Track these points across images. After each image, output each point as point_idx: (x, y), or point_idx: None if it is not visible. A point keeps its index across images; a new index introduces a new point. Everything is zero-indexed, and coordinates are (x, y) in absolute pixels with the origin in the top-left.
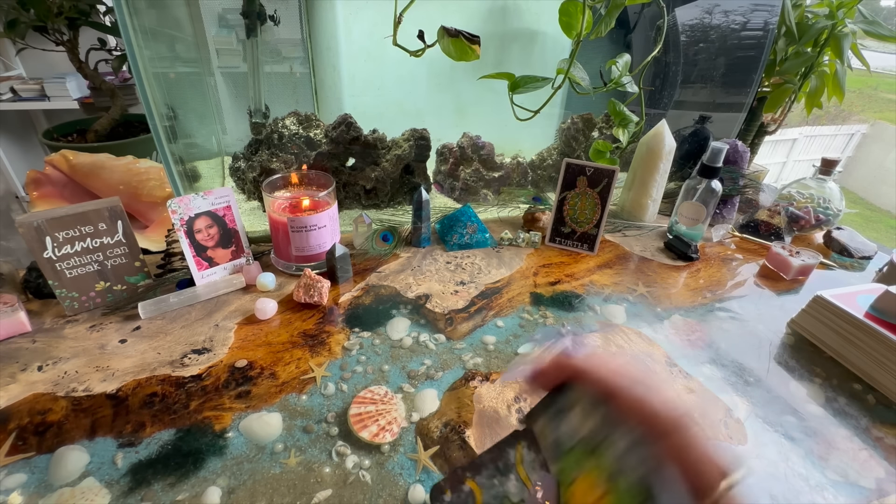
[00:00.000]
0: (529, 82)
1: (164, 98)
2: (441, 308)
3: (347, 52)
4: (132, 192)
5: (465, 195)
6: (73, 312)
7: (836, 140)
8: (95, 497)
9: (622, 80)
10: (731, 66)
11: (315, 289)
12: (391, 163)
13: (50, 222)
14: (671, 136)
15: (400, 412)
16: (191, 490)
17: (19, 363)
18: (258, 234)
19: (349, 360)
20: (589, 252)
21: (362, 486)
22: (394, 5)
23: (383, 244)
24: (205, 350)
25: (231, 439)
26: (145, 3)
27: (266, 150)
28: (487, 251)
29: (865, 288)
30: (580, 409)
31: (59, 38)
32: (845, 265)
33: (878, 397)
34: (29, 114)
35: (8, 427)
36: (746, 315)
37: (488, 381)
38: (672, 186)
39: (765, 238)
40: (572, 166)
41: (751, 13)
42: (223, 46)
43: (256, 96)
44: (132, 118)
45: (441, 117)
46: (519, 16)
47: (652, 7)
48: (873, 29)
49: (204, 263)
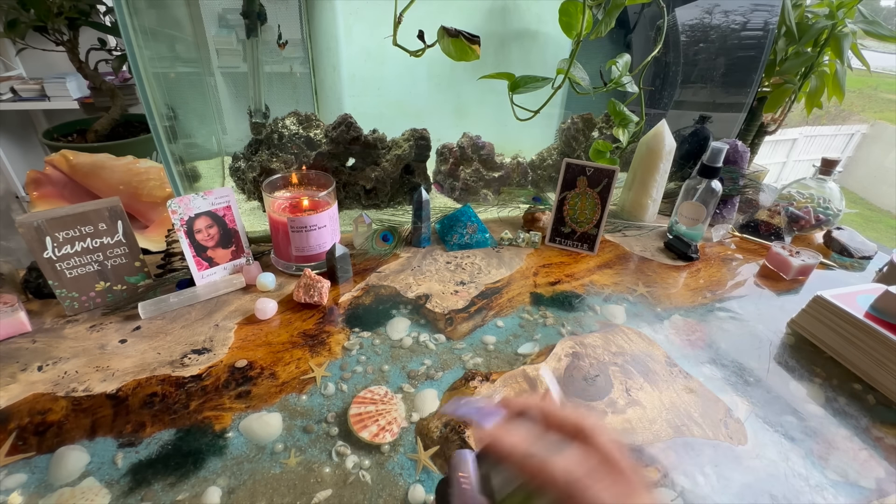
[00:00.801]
0: (529, 82)
1: (164, 98)
2: (441, 308)
3: (347, 52)
4: (132, 192)
5: (465, 195)
6: (73, 312)
7: (836, 140)
8: (95, 497)
9: (622, 80)
10: (731, 66)
11: (315, 289)
12: (391, 163)
13: (50, 222)
14: (671, 136)
15: (400, 412)
16: (191, 490)
17: (19, 363)
18: (258, 234)
19: (349, 360)
20: (589, 252)
21: (362, 486)
22: (394, 5)
23: (383, 244)
24: (205, 350)
25: (231, 439)
26: (145, 3)
27: (266, 150)
28: (487, 251)
29: (865, 288)
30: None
31: (59, 38)
32: (845, 265)
33: (878, 397)
34: (29, 114)
35: (8, 427)
36: (746, 315)
37: (488, 381)
38: (672, 186)
39: (765, 238)
40: (572, 166)
41: (751, 13)
42: (223, 46)
43: (256, 96)
44: (132, 118)
45: (441, 117)
46: (519, 16)
47: (652, 7)
48: (873, 29)
49: (204, 263)
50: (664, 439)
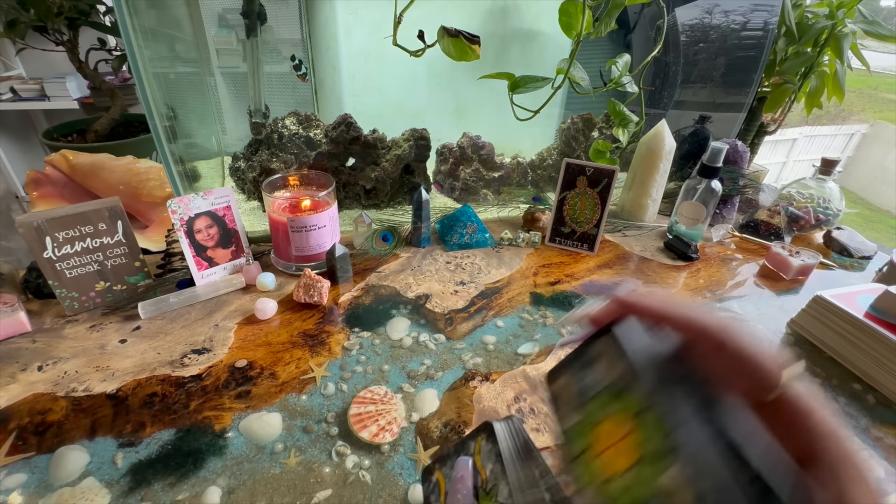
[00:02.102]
0: (529, 82)
1: (164, 98)
2: (441, 308)
3: (347, 52)
4: (132, 192)
5: (465, 195)
6: (73, 312)
7: (836, 140)
8: (95, 497)
9: (622, 80)
10: (731, 66)
11: (315, 289)
12: (391, 163)
13: (50, 222)
14: (671, 136)
15: (400, 412)
16: (191, 490)
17: (19, 363)
18: (258, 234)
19: (349, 360)
20: (589, 252)
21: (362, 486)
22: (394, 5)
23: (383, 244)
24: (205, 350)
25: (231, 439)
26: (145, 3)
27: (266, 150)
28: (487, 251)
29: (865, 288)
30: (606, 359)
31: (59, 38)
32: (845, 265)
33: (878, 397)
34: (29, 114)
35: (8, 427)
36: (746, 315)
37: (488, 380)
38: (672, 186)
39: (765, 238)
40: (572, 166)
41: (751, 13)
42: (223, 46)
43: (256, 96)
44: (132, 118)
45: (441, 117)
46: (519, 16)
47: (652, 7)
48: (873, 29)
49: (204, 263)
50: None
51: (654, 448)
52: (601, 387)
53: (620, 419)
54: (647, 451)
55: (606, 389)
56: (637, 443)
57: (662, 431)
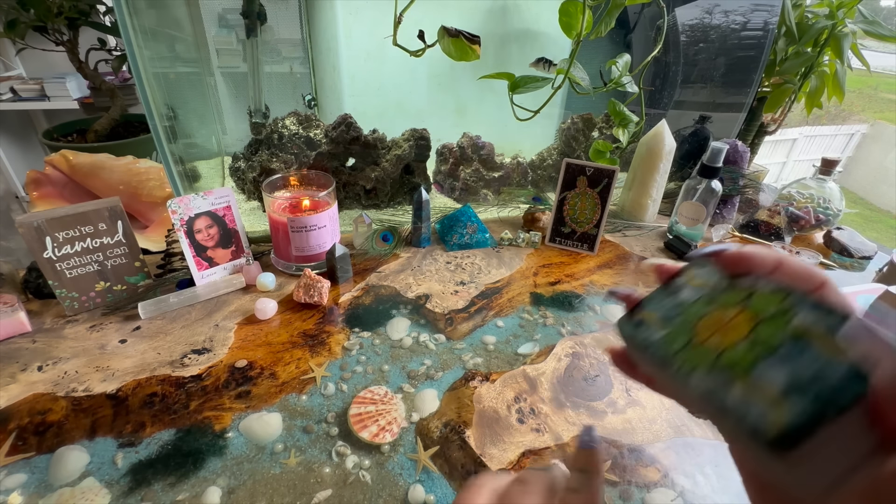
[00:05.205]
0: (529, 82)
1: (164, 98)
2: (441, 308)
3: (347, 52)
4: (132, 192)
5: (465, 195)
6: (73, 312)
7: (836, 140)
8: (95, 497)
9: (622, 80)
10: (731, 66)
11: (315, 289)
12: (391, 163)
13: (50, 222)
14: (671, 136)
15: (400, 412)
16: (191, 490)
17: (19, 363)
18: (258, 234)
19: (349, 360)
20: (589, 252)
21: (362, 486)
22: (394, 5)
23: (383, 244)
24: (205, 350)
25: (231, 439)
26: (145, 3)
27: (266, 150)
28: (487, 251)
29: (865, 288)
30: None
31: (58, 38)
32: (845, 265)
33: None
34: (29, 114)
35: (8, 427)
36: None
37: (488, 381)
38: (672, 186)
39: (765, 238)
40: (572, 166)
41: (751, 13)
42: (223, 46)
43: (256, 96)
44: (132, 118)
45: (441, 117)
46: (519, 16)
47: (652, 7)
48: (873, 29)
49: (204, 263)
50: (664, 439)
51: (775, 310)
52: (694, 299)
53: (723, 310)
54: (766, 314)
55: (701, 299)
56: (751, 315)
57: (780, 296)
